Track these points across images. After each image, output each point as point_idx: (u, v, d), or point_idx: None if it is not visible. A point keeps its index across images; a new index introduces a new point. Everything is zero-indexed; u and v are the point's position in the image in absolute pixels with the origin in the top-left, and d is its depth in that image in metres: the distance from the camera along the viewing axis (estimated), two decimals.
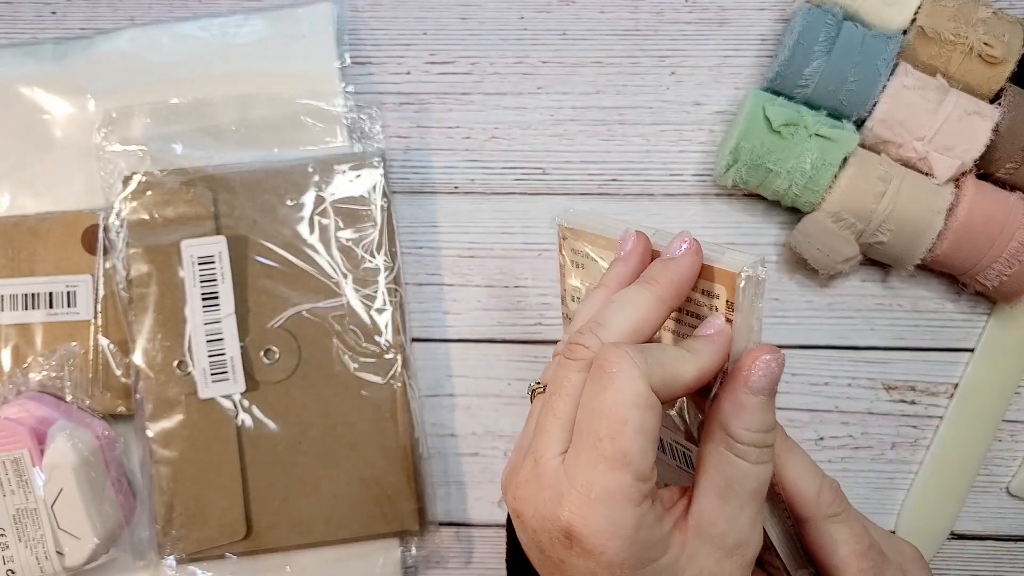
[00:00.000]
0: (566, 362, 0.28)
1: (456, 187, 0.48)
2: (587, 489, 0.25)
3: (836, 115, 0.44)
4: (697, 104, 0.48)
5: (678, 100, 0.48)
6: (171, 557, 0.43)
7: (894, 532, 0.47)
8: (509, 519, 0.31)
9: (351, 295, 0.45)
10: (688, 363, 0.27)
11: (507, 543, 0.33)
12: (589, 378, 0.27)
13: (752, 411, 0.27)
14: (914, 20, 0.44)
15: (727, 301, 0.28)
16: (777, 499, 0.30)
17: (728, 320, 0.28)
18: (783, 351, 0.27)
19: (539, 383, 0.30)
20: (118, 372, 0.45)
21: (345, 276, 0.45)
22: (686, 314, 0.30)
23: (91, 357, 0.45)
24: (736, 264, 0.27)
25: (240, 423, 0.44)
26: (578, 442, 0.26)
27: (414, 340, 0.47)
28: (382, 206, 0.45)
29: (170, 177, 0.44)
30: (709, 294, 0.29)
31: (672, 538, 0.26)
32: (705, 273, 0.29)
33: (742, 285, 0.27)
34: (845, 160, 0.43)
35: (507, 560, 0.33)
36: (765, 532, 0.30)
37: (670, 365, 0.26)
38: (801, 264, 0.46)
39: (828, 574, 0.29)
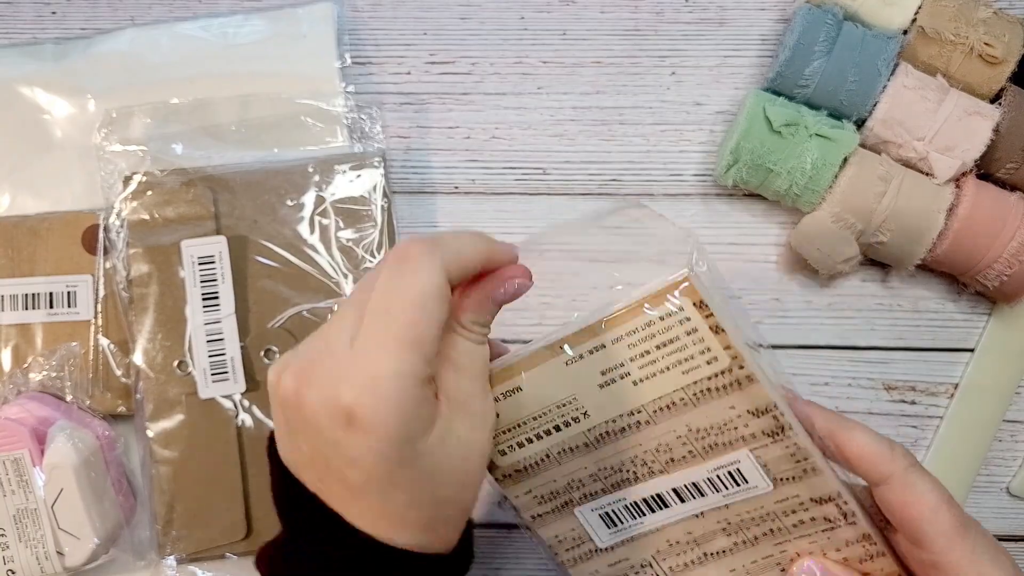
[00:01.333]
0: (383, 261, 0.30)
1: (456, 187, 0.48)
2: (375, 368, 0.27)
3: (836, 115, 0.44)
4: (697, 104, 0.48)
5: (678, 100, 0.48)
6: (171, 557, 0.43)
7: None
8: (272, 447, 0.31)
9: None
10: (477, 249, 0.30)
11: (272, 470, 0.32)
12: (387, 268, 0.28)
13: (483, 310, 0.31)
14: (914, 20, 0.44)
15: (695, 303, 0.30)
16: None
17: (719, 330, 0.30)
18: (781, 350, 0.28)
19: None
20: (118, 372, 0.45)
21: (345, 276, 0.45)
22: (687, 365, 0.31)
23: (91, 357, 0.45)
24: (671, 274, 0.30)
25: (240, 423, 0.44)
26: (371, 324, 0.28)
27: None
28: (382, 206, 0.45)
29: (170, 177, 0.44)
30: (685, 320, 0.30)
31: (435, 414, 0.28)
32: (656, 303, 0.30)
33: (688, 285, 0.29)
34: (845, 160, 0.43)
35: (274, 488, 0.33)
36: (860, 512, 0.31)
37: (462, 253, 0.29)
38: (801, 264, 0.46)
39: (915, 529, 0.29)
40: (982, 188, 0.43)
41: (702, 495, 0.32)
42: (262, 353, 0.44)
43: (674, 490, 0.33)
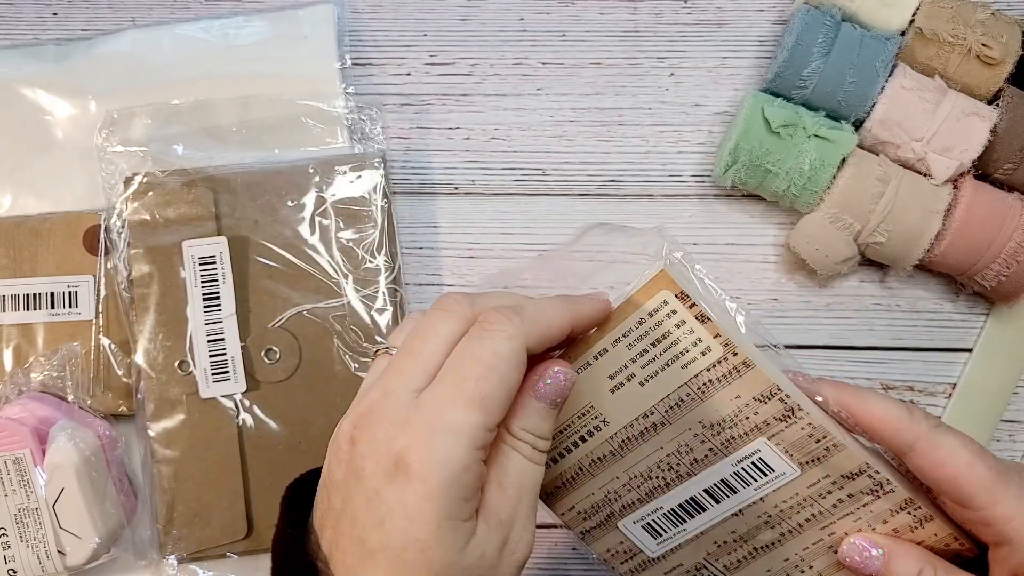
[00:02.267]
0: (436, 312, 0.29)
1: (456, 188, 0.48)
2: (436, 419, 0.26)
3: (835, 116, 0.44)
4: (696, 105, 0.48)
5: (677, 101, 0.48)
6: (172, 556, 0.44)
7: None
8: (289, 496, 0.31)
9: (352, 295, 0.45)
10: (562, 316, 0.29)
11: (281, 521, 0.31)
12: (468, 335, 0.28)
13: (531, 414, 0.29)
14: (912, 21, 0.44)
15: (677, 295, 0.30)
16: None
17: (704, 319, 0.30)
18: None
19: (383, 343, 0.30)
20: (119, 372, 0.45)
21: (346, 276, 0.45)
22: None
23: (93, 357, 0.45)
24: (651, 270, 0.30)
25: (241, 423, 0.44)
26: (442, 380, 0.27)
27: None
28: (383, 207, 0.45)
29: (171, 178, 0.44)
30: (672, 313, 0.30)
31: (474, 517, 0.27)
32: (642, 299, 0.31)
33: (665, 277, 0.30)
34: (843, 161, 0.43)
35: (277, 542, 0.31)
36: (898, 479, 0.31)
37: (545, 321, 0.29)
38: (800, 264, 0.46)
39: (954, 489, 0.29)
40: (980, 189, 0.43)
41: (734, 491, 0.32)
42: (263, 353, 0.44)
43: (706, 491, 0.33)
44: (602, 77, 0.49)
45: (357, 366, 0.44)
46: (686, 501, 0.33)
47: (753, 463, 0.32)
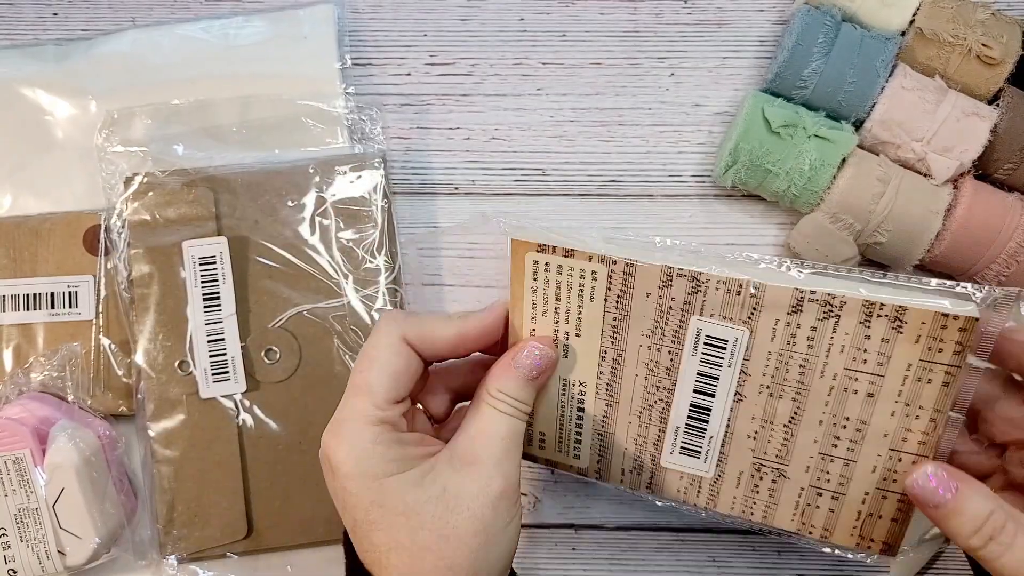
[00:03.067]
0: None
1: (456, 188, 0.48)
2: (337, 414, 0.32)
3: (835, 116, 0.44)
4: (696, 105, 0.48)
5: (677, 101, 0.48)
6: (172, 556, 0.44)
7: None
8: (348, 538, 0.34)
9: (352, 295, 0.45)
10: (449, 326, 0.34)
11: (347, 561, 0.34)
12: None
13: (507, 380, 0.33)
14: (912, 21, 0.44)
15: (537, 249, 0.34)
16: None
17: (570, 253, 0.33)
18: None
19: None
20: (120, 372, 0.45)
21: (346, 276, 0.45)
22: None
23: (93, 357, 0.45)
24: (507, 247, 0.35)
25: (241, 423, 0.44)
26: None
27: None
28: (383, 207, 0.46)
29: (171, 178, 0.44)
30: (546, 265, 0.34)
31: (415, 460, 0.31)
32: (521, 274, 0.34)
33: (516, 242, 0.34)
34: (844, 161, 0.43)
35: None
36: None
37: (428, 325, 0.33)
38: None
39: None
40: (980, 189, 0.43)
41: (714, 378, 0.33)
42: (263, 353, 0.44)
43: (695, 391, 0.34)
44: (602, 77, 0.49)
45: None
46: (690, 409, 0.34)
47: (705, 343, 0.33)
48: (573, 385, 0.36)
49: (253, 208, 0.45)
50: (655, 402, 0.35)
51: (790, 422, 0.33)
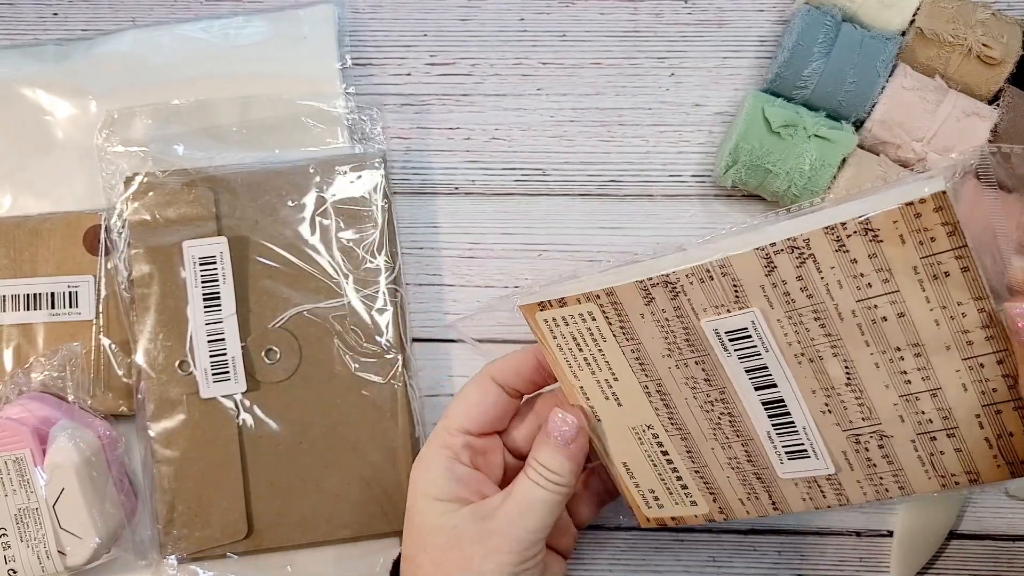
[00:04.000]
0: None
1: (456, 188, 0.48)
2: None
3: (835, 116, 0.44)
4: (696, 105, 0.48)
5: (677, 101, 0.48)
6: (172, 556, 0.44)
7: (892, 533, 0.47)
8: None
9: (352, 295, 0.45)
10: (528, 355, 0.37)
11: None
12: None
13: (540, 449, 0.35)
14: (913, 21, 0.44)
15: (540, 307, 0.34)
16: None
17: (563, 302, 0.34)
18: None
19: None
20: (120, 372, 0.45)
21: (346, 276, 0.45)
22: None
23: (93, 357, 0.45)
24: (516, 313, 0.35)
25: (241, 423, 0.44)
26: None
27: (414, 340, 0.47)
28: (383, 207, 0.46)
29: (172, 178, 0.44)
30: (554, 320, 0.34)
31: (455, 493, 0.35)
32: (540, 335, 0.35)
33: (521, 303, 0.35)
34: (844, 161, 0.43)
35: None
36: None
37: (511, 358, 0.37)
38: None
39: None
40: (980, 189, 0.43)
41: (760, 368, 0.32)
42: (263, 353, 0.44)
43: (757, 389, 0.32)
44: (602, 77, 0.49)
45: (357, 366, 0.44)
46: (766, 409, 0.32)
47: (730, 340, 0.32)
48: (643, 431, 0.35)
49: (253, 208, 0.45)
50: (718, 417, 0.33)
51: (849, 379, 0.31)
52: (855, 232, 0.28)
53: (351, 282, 0.45)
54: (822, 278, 0.29)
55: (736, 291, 0.31)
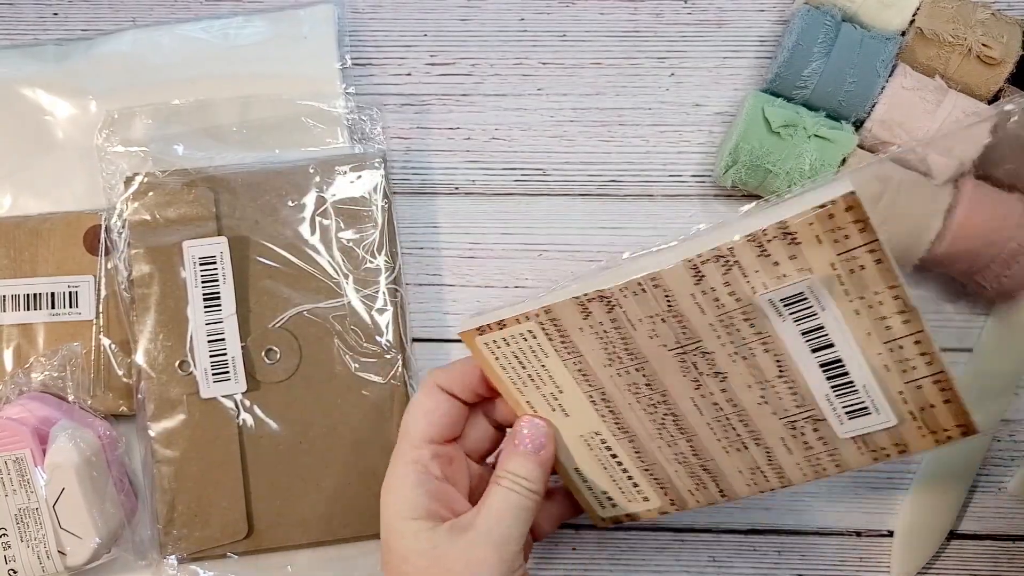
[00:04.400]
0: None
1: (456, 188, 0.48)
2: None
3: (835, 116, 0.44)
4: (696, 105, 0.48)
5: (677, 101, 0.48)
6: (173, 556, 0.44)
7: (892, 533, 0.47)
8: None
9: (352, 295, 0.45)
10: (469, 363, 0.37)
11: None
12: None
13: (511, 459, 0.35)
14: (913, 21, 0.44)
15: (478, 332, 0.36)
16: None
17: (501, 324, 0.35)
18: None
19: None
20: (120, 372, 0.45)
21: (346, 276, 0.45)
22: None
23: (93, 357, 0.45)
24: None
25: (241, 423, 0.44)
26: None
27: (414, 340, 0.47)
28: (383, 207, 0.46)
29: (172, 178, 0.44)
30: (494, 343, 0.35)
31: (428, 510, 0.34)
32: (480, 358, 0.36)
33: (464, 328, 0.36)
34: (844, 161, 0.43)
35: None
36: None
37: (455, 367, 0.37)
38: None
39: None
40: (980, 189, 0.43)
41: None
42: (263, 353, 0.44)
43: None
44: (602, 77, 0.49)
45: (357, 366, 0.44)
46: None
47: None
48: (592, 437, 0.36)
49: (253, 208, 0.45)
50: (662, 417, 0.35)
51: (781, 372, 0.33)
52: (775, 237, 0.30)
53: (351, 282, 0.45)
54: (748, 282, 0.31)
55: (668, 303, 0.32)
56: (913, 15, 0.44)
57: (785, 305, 0.31)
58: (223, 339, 0.44)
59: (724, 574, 0.47)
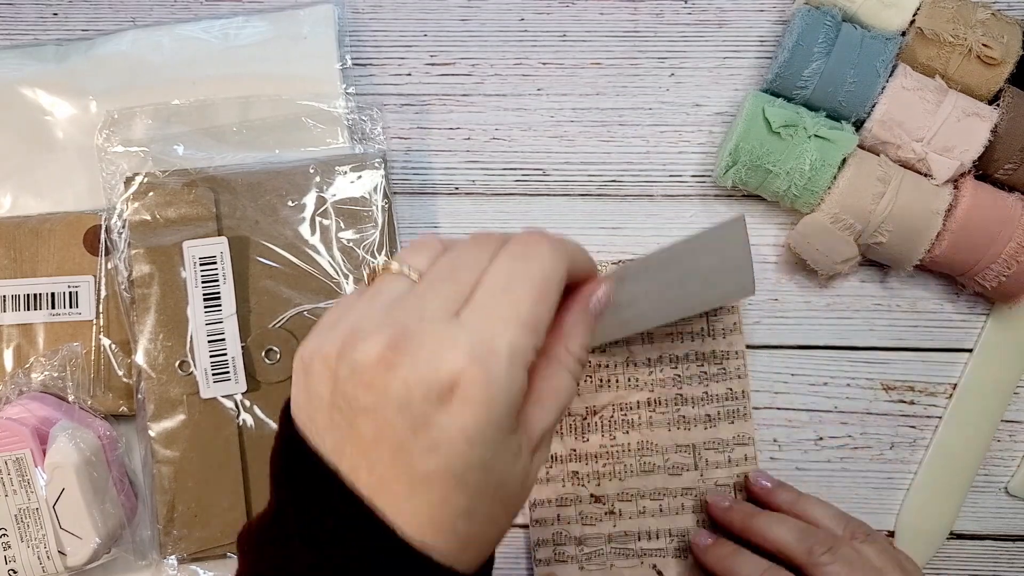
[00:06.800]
0: (475, 246, 0.28)
1: (457, 188, 0.48)
2: (491, 340, 0.25)
3: (835, 116, 0.44)
4: (697, 105, 0.48)
5: (678, 101, 0.48)
6: (173, 557, 0.44)
7: (893, 532, 0.47)
8: (285, 409, 0.30)
9: None
10: (588, 259, 0.30)
11: (282, 436, 0.30)
12: (507, 252, 0.28)
13: (583, 332, 0.29)
14: (913, 21, 0.44)
15: None
16: None
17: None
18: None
19: (387, 262, 0.29)
20: (120, 372, 0.45)
21: (346, 277, 0.45)
22: None
23: (93, 357, 0.45)
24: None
25: (241, 423, 0.44)
26: (487, 299, 0.26)
27: None
28: (383, 207, 0.46)
29: (172, 178, 0.44)
30: None
31: (516, 431, 0.27)
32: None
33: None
34: (844, 161, 0.43)
35: (278, 460, 0.31)
36: None
37: (578, 249, 0.30)
38: (800, 265, 0.46)
39: None
40: (980, 189, 0.43)
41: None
42: (263, 353, 0.44)
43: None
44: (602, 77, 0.49)
45: None
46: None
47: None
48: None
49: (253, 208, 0.45)
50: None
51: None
52: None
53: (351, 282, 0.45)
54: None
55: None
56: (913, 15, 0.44)
57: None
58: (223, 339, 0.44)
59: None
